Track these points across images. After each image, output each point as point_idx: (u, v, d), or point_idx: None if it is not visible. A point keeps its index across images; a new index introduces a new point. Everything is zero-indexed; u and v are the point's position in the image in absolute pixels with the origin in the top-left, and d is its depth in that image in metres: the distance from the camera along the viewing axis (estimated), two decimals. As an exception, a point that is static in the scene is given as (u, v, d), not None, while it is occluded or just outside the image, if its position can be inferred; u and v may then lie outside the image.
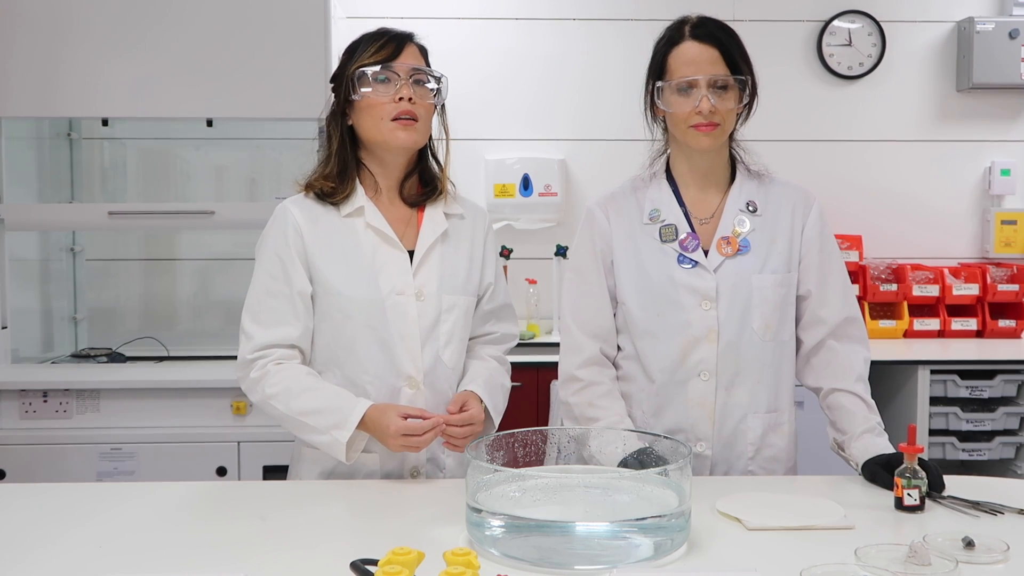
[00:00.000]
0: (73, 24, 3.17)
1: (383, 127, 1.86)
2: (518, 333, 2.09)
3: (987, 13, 3.97)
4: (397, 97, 1.85)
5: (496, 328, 2.03)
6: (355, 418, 1.77)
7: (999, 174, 3.98)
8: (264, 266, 1.89)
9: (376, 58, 1.86)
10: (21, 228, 3.32)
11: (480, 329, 2.01)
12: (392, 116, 1.85)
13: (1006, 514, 1.61)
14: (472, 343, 2.00)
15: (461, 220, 1.99)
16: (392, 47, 1.87)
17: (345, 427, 1.77)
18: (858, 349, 1.96)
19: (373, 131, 1.88)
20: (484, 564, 1.26)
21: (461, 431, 1.80)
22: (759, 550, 1.45)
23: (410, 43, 1.90)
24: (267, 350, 1.85)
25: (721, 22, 1.92)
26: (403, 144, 1.87)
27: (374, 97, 1.85)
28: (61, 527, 1.57)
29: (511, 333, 2.07)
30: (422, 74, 1.88)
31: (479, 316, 2.00)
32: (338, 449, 1.78)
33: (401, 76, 1.86)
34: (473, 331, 2.00)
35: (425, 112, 1.89)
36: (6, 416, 3.03)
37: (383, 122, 1.86)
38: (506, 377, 2.02)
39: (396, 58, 1.86)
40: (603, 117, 3.92)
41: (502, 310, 2.04)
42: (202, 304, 3.80)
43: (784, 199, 1.98)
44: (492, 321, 2.02)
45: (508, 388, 2.00)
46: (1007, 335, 3.77)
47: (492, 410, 1.90)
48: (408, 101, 1.85)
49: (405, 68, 1.86)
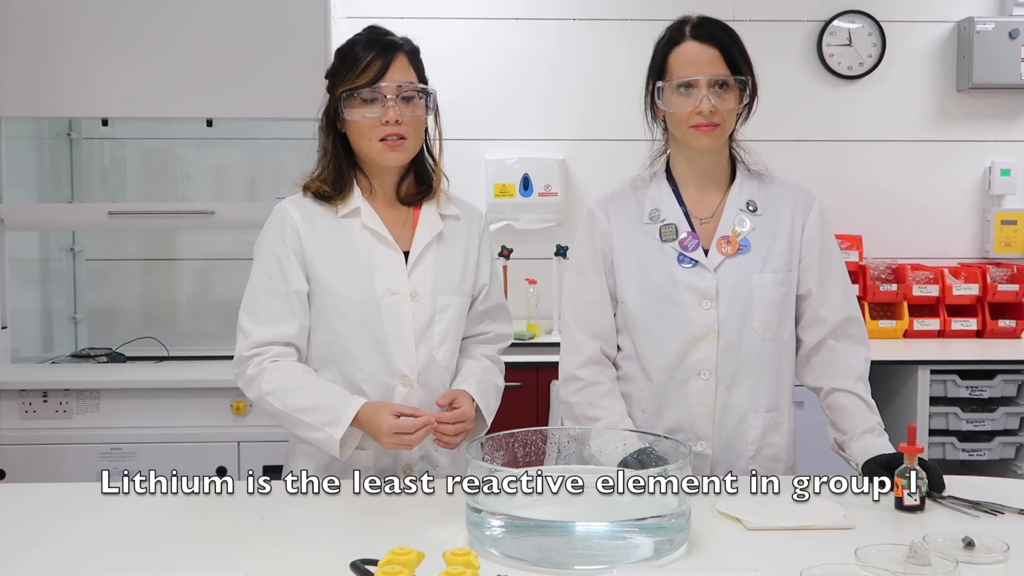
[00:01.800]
0: (73, 24, 3.16)
1: (372, 147, 1.87)
2: (512, 333, 2.11)
3: (987, 13, 3.97)
4: (383, 120, 1.84)
5: (490, 328, 2.05)
6: (349, 415, 1.80)
7: (999, 174, 3.98)
8: (261, 264, 1.91)
9: (362, 80, 1.84)
10: (21, 228, 3.32)
11: (474, 329, 2.03)
12: (380, 137, 1.85)
13: (1006, 514, 1.61)
14: (466, 342, 2.02)
15: (457, 221, 2.00)
16: (379, 65, 1.84)
17: (339, 424, 1.79)
18: (858, 349, 1.96)
19: (362, 147, 1.89)
20: (484, 564, 1.26)
21: (452, 429, 1.82)
22: (759, 550, 1.45)
23: (399, 53, 1.87)
24: (263, 347, 1.87)
25: (722, 22, 1.92)
26: (391, 164, 1.90)
27: (362, 121, 1.85)
28: (61, 527, 1.57)
29: (505, 333, 2.08)
30: (411, 89, 1.87)
31: (473, 316, 2.02)
32: (332, 446, 1.80)
33: (388, 97, 1.84)
34: (467, 331, 2.02)
35: (414, 128, 1.88)
36: (6, 416, 3.03)
37: (371, 142, 1.87)
38: (499, 376, 2.03)
39: (383, 76, 1.84)
40: (606, 117, 3.92)
41: (496, 310, 2.05)
42: (202, 304, 3.80)
43: (784, 198, 1.98)
44: (486, 321, 2.04)
45: (501, 387, 2.02)
46: (1007, 335, 3.77)
47: (484, 409, 1.92)
48: (396, 123, 1.84)
49: (392, 88, 1.84)
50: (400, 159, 1.90)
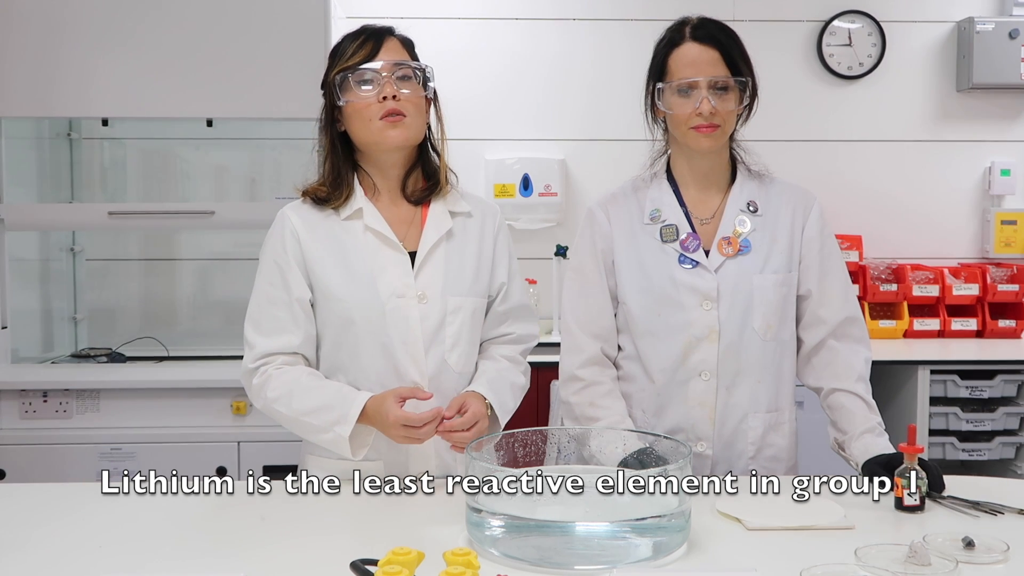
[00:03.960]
0: (73, 24, 3.16)
1: (372, 128, 1.83)
2: (538, 333, 2.02)
3: (987, 13, 3.97)
4: (381, 96, 1.81)
5: (513, 329, 1.97)
6: (355, 411, 1.74)
7: (999, 174, 3.98)
8: (264, 274, 1.87)
9: (355, 60, 1.82)
10: (21, 228, 3.32)
11: (495, 331, 1.96)
12: (379, 116, 1.81)
13: (1006, 514, 1.61)
14: (486, 344, 1.96)
15: (468, 218, 1.94)
16: (371, 46, 1.83)
17: (346, 421, 1.74)
18: (859, 349, 1.96)
19: (363, 133, 1.85)
20: (484, 564, 1.26)
21: (463, 436, 1.74)
22: (759, 550, 1.45)
23: (390, 37, 1.85)
24: (269, 358, 1.83)
25: (722, 23, 1.92)
26: (394, 143, 1.84)
27: (358, 100, 1.82)
28: (61, 527, 1.57)
29: (530, 333, 2.00)
30: (405, 68, 1.84)
31: (493, 317, 1.95)
32: (342, 445, 1.75)
33: (383, 74, 1.81)
34: (488, 333, 1.95)
35: (414, 107, 1.84)
36: (6, 416, 3.03)
37: (372, 123, 1.82)
38: (518, 375, 1.95)
39: (375, 56, 1.83)
40: (607, 117, 3.92)
41: (518, 310, 1.98)
42: (202, 304, 3.79)
43: (785, 199, 1.98)
44: (508, 322, 1.97)
45: (520, 385, 1.94)
46: (1007, 335, 3.77)
47: (497, 407, 1.83)
48: (393, 99, 1.81)
49: (386, 65, 1.82)
50: (402, 136, 1.83)
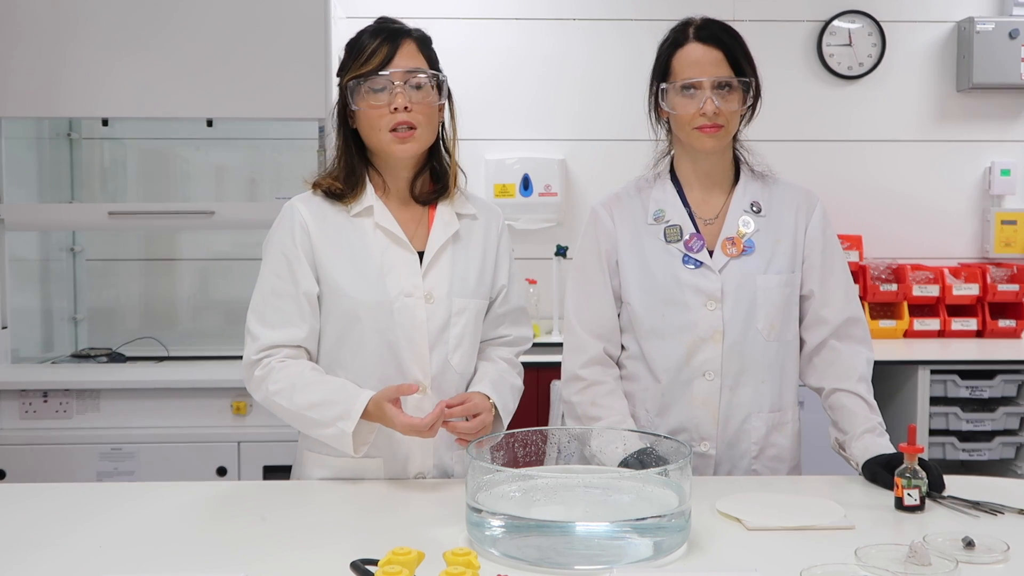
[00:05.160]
0: (74, 24, 3.17)
1: (382, 138, 1.81)
2: (532, 336, 2.04)
3: (987, 13, 3.97)
4: (392, 107, 1.78)
5: (509, 331, 1.98)
6: (359, 407, 1.72)
7: (999, 174, 3.98)
8: (270, 265, 1.85)
9: (369, 66, 1.79)
10: (21, 228, 3.32)
11: (493, 332, 1.97)
12: (390, 127, 1.79)
13: (1006, 514, 1.61)
14: (484, 345, 1.96)
15: (474, 220, 1.94)
16: (386, 50, 1.79)
17: (350, 417, 1.72)
18: (860, 349, 1.96)
19: (373, 140, 1.83)
20: (484, 564, 1.26)
21: (468, 427, 1.74)
22: (759, 550, 1.45)
23: (407, 40, 1.81)
24: (272, 350, 1.81)
25: (725, 24, 1.92)
26: (402, 156, 1.83)
27: (369, 108, 1.80)
28: (61, 527, 1.57)
29: (525, 336, 2.01)
30: (420, 76, 1.82)
31: (492, 319, 1.96)
32: (345, 441, 1.73)
33: (396, 83, 1.78)
34: (485, 334, 1.95)
35: (425, 116, 1.81)
36: (6, 416, 3.04)
37: (382, 132, 1.80)
38: (516, 378, 1.96)
39: (390, 62, 1.79)
40: (603, 117, 3.93)
41: (515, 313, 1.99)
42: (202, 304, 3.80)
43: (788, 200, 1.98)
44: (505, 324, 1.98)
45: (519, 388, 1.95)
46: (1007, 335, 3.78)
47: (500, 408, 1.84)
48: (404, 110, 1.78)
49: (399, 75, 1.78)
50: (411, 150, 1.82)
